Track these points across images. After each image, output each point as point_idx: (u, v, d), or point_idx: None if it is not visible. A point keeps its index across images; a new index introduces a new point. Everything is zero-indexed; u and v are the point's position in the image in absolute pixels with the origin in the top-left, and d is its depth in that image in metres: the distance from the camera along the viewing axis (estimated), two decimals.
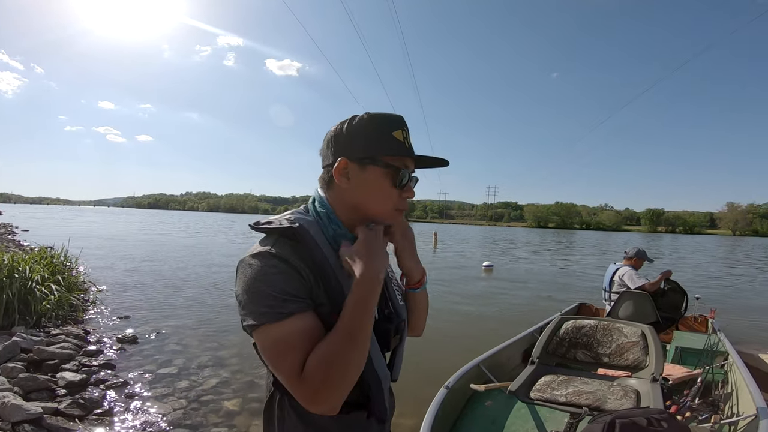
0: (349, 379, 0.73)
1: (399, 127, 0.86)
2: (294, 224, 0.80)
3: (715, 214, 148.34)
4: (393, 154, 0.84)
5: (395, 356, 0.95)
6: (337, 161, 0.84)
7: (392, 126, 0.85)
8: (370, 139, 0.84)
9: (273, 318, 0.72)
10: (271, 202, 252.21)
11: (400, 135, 0.85)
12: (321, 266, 0.80)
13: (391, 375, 0.94)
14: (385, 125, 0.85)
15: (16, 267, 4.88)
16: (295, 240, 0.80)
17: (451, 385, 2.62)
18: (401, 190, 0.87)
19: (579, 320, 2.50)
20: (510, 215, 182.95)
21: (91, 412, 3.06)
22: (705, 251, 31.42)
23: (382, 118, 0.86)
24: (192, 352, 4.66)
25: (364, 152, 0.84)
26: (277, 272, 0.75)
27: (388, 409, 0.90)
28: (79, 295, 5.98)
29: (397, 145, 0.85)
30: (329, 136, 0.88)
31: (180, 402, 3.41)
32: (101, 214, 73.58)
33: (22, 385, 3.14)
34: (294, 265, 0.76)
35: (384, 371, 0.86)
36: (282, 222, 0.81)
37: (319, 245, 0.81)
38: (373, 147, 0.84)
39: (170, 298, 7.44)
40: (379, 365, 0.85)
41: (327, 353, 0.72)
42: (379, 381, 0.84)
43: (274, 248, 0.77)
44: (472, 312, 7.66)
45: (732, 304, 9.06)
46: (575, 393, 2.00)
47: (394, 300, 0.97)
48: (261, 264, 0.75)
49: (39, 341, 4.01)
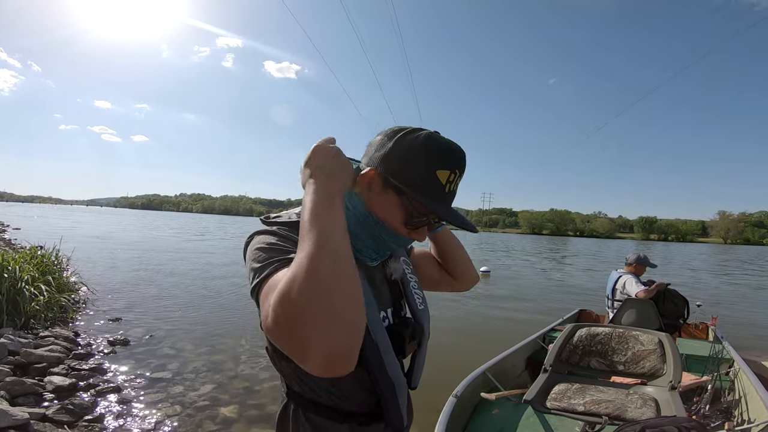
0: (336, 311, 0.54)
1: (449, 166, 0.75)
2: (289, 218, 0.81)
3: (707, 223, 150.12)
4: (424, 201, 0.74)
5: (414, 363, 0.90)
6: (366, 169, 0.77)
7: (442, 163, 0.74)
8: (411, 166, 0.74)
9: (272, 269, 0.66)
10: (266, 204, 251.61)
11: (445, 177, 0.74)
12: None
13: (410, 382, 0.89)
14: (434, 158, 0.74)
15: (5, 266, 4.73)
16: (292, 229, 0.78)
17: (460, 394, 2.55)
18: (410, 230, 0.79)
19: (593, 327, 2.43)
20: (505, 221, 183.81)
21: (81, 419, 2.93)
22: (698, 259, 31.66)
23: (437, 148, 0.75)
24: (186, 356, 4.53)
25: (397, 178, 0.74)
26: (276, 240, 0.73)
27: (405, 418, 0.83)
28: (69, 296, 5.82)
29: (435, 189, 0.74)
30: (376, 141, 0.79)
31: (174, 408, 3.28)
32: (93, 214, 72.80)
33: (9, 389, 3.01)
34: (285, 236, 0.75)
35: (398, 377, 0.81)
36: (291, 216, 0.82)
37: None
38: (408, 177, 0.74)
39: (163, 300, 7.28)
40: (392, 371, 0.79)
41: (290, 280, 0.55)
42: (393, 387, 0.79)
43: (274, 227, 0.78)
44: (471, 317, 7.58)
45: (729, 312, 9.06)
46: (593, 402, 1.92)
47: (412, 303, 0.92)
48: (263, 236, 0.75)
49: (27, 343, 3.86)
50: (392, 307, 0.89)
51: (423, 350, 0.92)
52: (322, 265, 0.55)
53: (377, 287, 0.86)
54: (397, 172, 0.74)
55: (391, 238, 0.80)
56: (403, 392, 0.83)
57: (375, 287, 0.85)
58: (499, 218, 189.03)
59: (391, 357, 0.79)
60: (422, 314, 0.92)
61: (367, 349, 0.73)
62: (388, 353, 0.78)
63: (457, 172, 0.76)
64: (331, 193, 0.66)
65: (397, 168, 0.74)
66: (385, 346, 0.78)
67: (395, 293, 0.91)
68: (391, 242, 0.81)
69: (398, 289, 0.92)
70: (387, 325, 0.83)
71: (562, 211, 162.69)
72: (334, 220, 0.62)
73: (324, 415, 0.79)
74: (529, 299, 9.90)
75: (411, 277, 0.95)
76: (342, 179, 0.70)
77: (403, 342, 0.82)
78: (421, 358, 0.92)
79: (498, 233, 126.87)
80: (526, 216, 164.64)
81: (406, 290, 0.92)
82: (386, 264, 0.91)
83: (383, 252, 0.86)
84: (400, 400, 0.81)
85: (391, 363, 0.79)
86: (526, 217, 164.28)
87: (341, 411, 0.79)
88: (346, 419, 0.79)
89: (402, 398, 0.82)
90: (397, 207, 0.76)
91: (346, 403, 0.79)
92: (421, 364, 0.92)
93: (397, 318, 0.89)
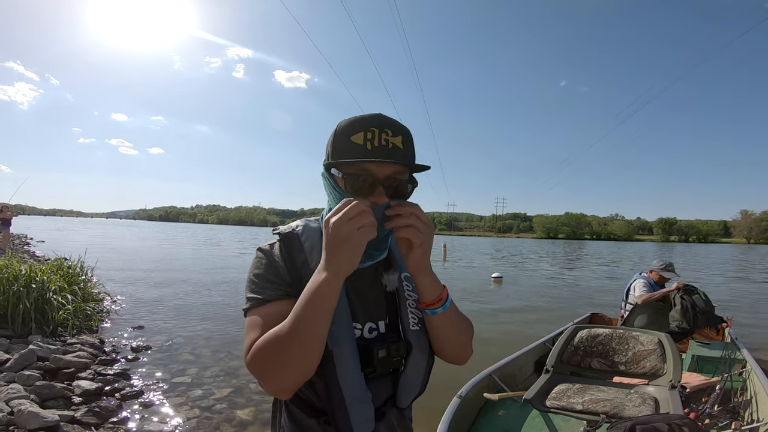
0: (289, 371, 0.73)
1: (361, 129, 0.78)
2: (289, 230, 0.89)
3: (729, 223, 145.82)
4: (343, 158, 0.79)
5: (399, 382, 0.87)
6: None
7: (352, 130, 0.79)
8: (332, 148, 0.82)
9: (254, 304, 0.81)
10: (279, 214, 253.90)
11: (360, 138, 0.78)
12: (299, 269, 0.84)
13: (396, 401, 0.88)
14: (345, 131, 0.80)
15: (33, 277, 4.98)
16: (284, 242, 0.87)
17: (464, 395, 2.61)
18: (371, 198, 0.78)
19: (593, 329, 2.48)
20: (519, 226, 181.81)
21: (107, 421, 3.09)
22: (720, 260, 30.81)
23: (347, 123, 0.81)
24: (205, 362, 4.69)
25: (326, 163, 0.84)
26: (262, 264, 0.85)
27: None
28: (94, 305, 6.06)
29: (355, 150, 0.78)
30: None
31: (194, 411, 3.42)
32: (114, 226, 74.61)
33: (39, 392, 3.18)
34: (276, 259, 0.85)
35: (355, 391, 0.79)
36: (286, 228, 0.91)
37: (304, 250, 0.85)
38: (332, 156, 0.82)
39: (183, 308, 7.50)
40: (348, 384, 0.78)
41: (265, 340, 0.74)
42: (343, 400, 0.78)
43: (267, 246, 0.89)
44: (482, 323, 7.59)
45: (746, 312, 8.86)
46: (592, 401, 1.98)
47: (405, 321, 0.88)
48: (257, 260, 0.87)
49: (55, 350, 4.06)
50: (386, 320, 0.88)
51: (413, 371, 0.87)
52: (290, 348, 0.72)
53: (366, 297, 0.87)
54: (327, 159, 0.84)
55: None
56: (361, 407, 0.80)
57: (361, 297, 0.87)
58: (513, 223, 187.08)
59: (350, 370, 0.79)
60: (414, 334, 0.88)
61: (323, 359, 0.76)
62: (346, 367, 0.78)
63: (374, 130, 0.78)
64: (329, 274, 0.72)
65: (326, 157, 0.85)
66: (344, 358, 0.78)
67: (391, 306, 0.90)
68: None
69: (395, 303, 0.90)
70: (372, 338, 0.86)
71: (578, 214, 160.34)
72: (319, 303, 0.72)
73: (299, 406, 0.85)
74: (541, 304, 9.84)
75: (410, 294, 0.90)
76: (340, 260, 0.71)
77: (370, 356, 0.81)
78: (408, 379, 0.87)
79: (512, 238, 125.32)
80: (541, 220, 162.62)
81: (400, 307, 0.90)
82: (383, 275, 0.90)
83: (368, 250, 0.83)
84: (352, 414, 0.79)
85: (348, 376, 0.78)
86: (540, 221, 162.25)
87: (312, 406, 0.84)
88: (314, 415, 0.83)
89: (356, 413, 0.79)
90: (340, 182, 0.82)
91: (317, 401, 0.83)
92: (410, 384, 0.88)
93: (390, 332, 0.88)
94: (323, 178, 0.87)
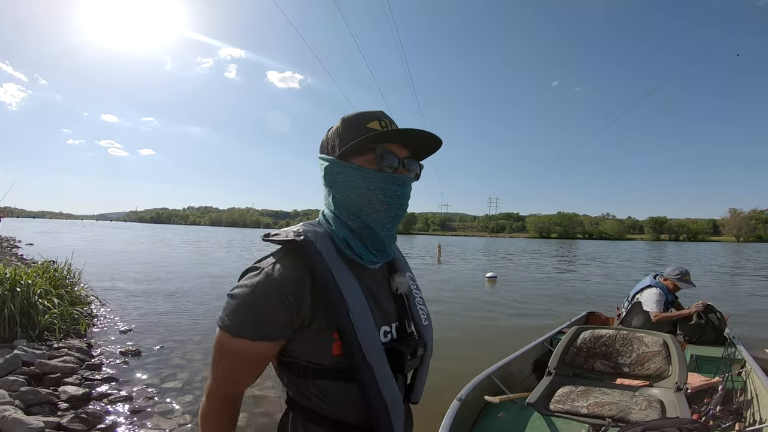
0: None
1: (375, 118, 0.83)
2: (300, 237, 0.78)
3: (718, 221, 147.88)
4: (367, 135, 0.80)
5: (416, 379, 0.91)
6: (322, 167, 0.85)
7: (366, 118, 0.83)
8: (346, 134, 0.83)
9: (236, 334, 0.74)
10: (272, 216, 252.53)
11: (377, 125, 0.82)
12: (323, 281, 0.75)
13: (411, 397, 0.91)
14: (358, 119, 0.84)
15: (18, 281, 4.84)
16: (299, 253, 0.77)
17: (464, 397, 2.56)
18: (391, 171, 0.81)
19: (597, 330, 2.43)
20: (512, 226, 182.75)
21: (94, 427, 2.99)
22: (710, 258, 31.18)
23: (355, 115, 0.85)
24: (196, 366, 4.58)
25: (341, 148, 0.82)
26: (260, 292, 0.73)
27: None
28: (81, 309, 5.91)
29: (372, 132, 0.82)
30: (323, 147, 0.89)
31: (185, 417, 3.32)
32: (104, 228, 73.73)
33: (24, 398, 3.08)
34: (282, 289, 0.73)
35: (393, 395, 0.80)
36: (288, 234, 0.79)
37: (324, 259, 0.77)
38: (348, 140, 0.82)
39: (173, 312, 7.36)
40: (387, 389, 0.78)
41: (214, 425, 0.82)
42: (385, 405, 0.78)
43: (274, 265, 0.76)
44: (477, 323, 7.56)
45: (741, 311, 8.92)
46: (597, 404, 1.93)
47: (417, 319, 0.90)
48: (255, 278, 0.75)
49: (41, 354, 3.94)
50: (397, 322, 0.88)
51: (425, 366, 0.92)
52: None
53: (380, 301, 0.85)
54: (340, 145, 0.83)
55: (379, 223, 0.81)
56: (398, 409, 0.81)
57: (377, 301, 0.84)
58: (506, 223, 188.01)
59: (387, 376, 0.79)
60: (426, 330, 0.91)
61: (360, 369, 0.75)
62: (383, 372, 0.78)
63: (384, 121, 0.84)
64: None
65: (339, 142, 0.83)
66: (380, 366, 0.77)
67: (401, 308, 0.90)
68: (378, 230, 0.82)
69: (404, 304, 0.91)
70: (389, 341, 0.83)
71: (570, 214, 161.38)
72: None
73: (320, 424, 0.79)
74: (536, 303, 9.82)
75: (416, 292, 0.94)
76: None
77: (402, 361, 0.81)
78: (423, 375, 0.92)
79: (506, 238, 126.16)
80: (534, 220, 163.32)
81: (411, 305, 0.91)
82: (392, 278, 0.90)
83: (378, 247, 0.83)
84: (393, 417, 0.79)
85: (386, 382, 0.78)
86: (533, 221, 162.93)
87: (337, 422, 0.79)
88: (340, 431, 0.80)
89: (397, 415, 0.80)
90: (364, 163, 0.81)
91: (341, 416, 0.80)
92: (423, 380, 0.92)
93: (402, 333, 0.87)
94: (328, 172, 0.84)
